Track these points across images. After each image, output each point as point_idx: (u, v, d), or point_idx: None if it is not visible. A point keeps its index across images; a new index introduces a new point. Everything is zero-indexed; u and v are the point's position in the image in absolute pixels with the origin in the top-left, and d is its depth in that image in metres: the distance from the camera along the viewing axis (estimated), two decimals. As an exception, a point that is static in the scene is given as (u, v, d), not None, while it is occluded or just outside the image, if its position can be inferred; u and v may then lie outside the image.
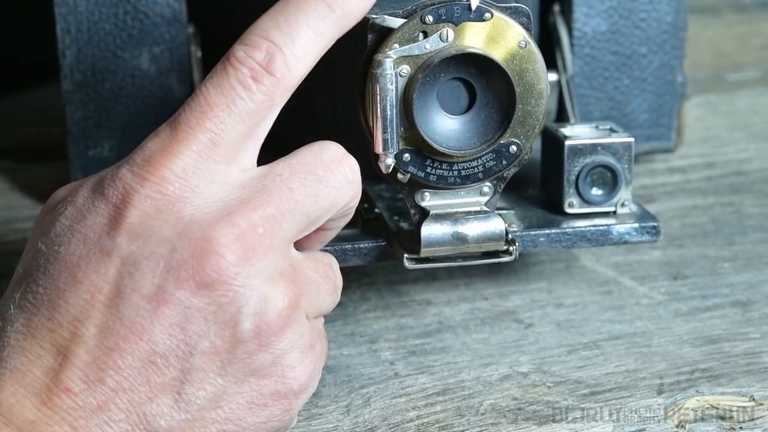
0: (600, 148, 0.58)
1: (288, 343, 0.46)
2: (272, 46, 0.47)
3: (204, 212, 0.45)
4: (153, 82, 0.67)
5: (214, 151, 0.46)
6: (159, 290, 0.44)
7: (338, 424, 0.52)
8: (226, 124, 0.46)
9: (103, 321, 0.44)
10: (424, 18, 0.51)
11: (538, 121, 0.53)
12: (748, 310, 0.61)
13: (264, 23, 0.48)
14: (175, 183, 0.45)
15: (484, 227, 0.54)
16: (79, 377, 0.43)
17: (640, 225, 0.57)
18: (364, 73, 0.52)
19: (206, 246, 0.44)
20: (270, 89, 0.47)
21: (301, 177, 0.47)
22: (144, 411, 0.44)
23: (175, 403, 0.44)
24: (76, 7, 0.65)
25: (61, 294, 0.44)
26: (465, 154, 0.53)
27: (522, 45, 0.52)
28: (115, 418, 0.43)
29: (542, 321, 0.60)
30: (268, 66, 0.47)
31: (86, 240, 0.45)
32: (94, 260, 0.45)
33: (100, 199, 0.46)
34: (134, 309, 0.44)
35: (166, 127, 0.47)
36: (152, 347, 0.44)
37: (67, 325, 0.44)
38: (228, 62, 0.47)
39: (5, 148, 0.79)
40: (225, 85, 0.46)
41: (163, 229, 0.45)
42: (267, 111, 0.47)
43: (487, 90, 0.52)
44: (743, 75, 0.90)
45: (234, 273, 0.44)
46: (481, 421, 0.52)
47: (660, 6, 0.69)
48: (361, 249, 0.55)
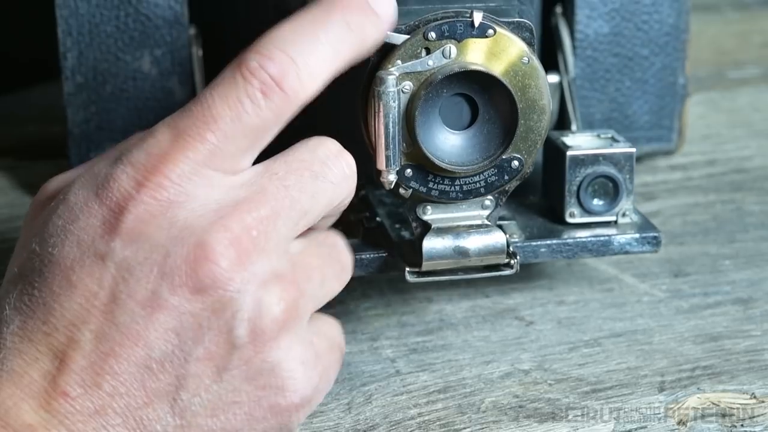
0: (601, 158, 0.58)
1: (286, 349, 0.45)
2: (287, 60, 0.45)
3: (198, 216, 0.45)
4: (154, 85, 0.67)
5: (212, 161, 0.45)
6: (153, 296, 0.44)
7: (339, 422, 0.52)
8: (228, 137, 0.45)
9: (99, 326, 0.44)
10: (427, 34, 0.51)
11: (540, 136, 0.53)
12: (750, 308, 0.61)
13: (282, 33, 0.46)
14: (170, 189, 0.45)
15: (485, 241, 0.54)
16: (76, 382, 0.43)
17: (641, 235, 0.57)
18: (366, 89, 0.52)
19: (199, 252, 0.44)
20: (279, 106, 0.45)
21: (298, 174, 0.46)
22: (140, 416, 0.44)
23: (171, 408, 0.44)
24: (78, 9, 0.66)
25: (56, 297, 0.44)
26: (467, 170, 0.53)
27: (525, 61, 0.52)
28: (113, 422, 0.43)
29: (543, 318, 0.60)
30: (281, 81, 0.45)
31: (80, 243, 0.45)
32: (88, 264, 0.44)
33: (94, 200, 0.45)
34: (129, 315, 0.44)
35: (165, 130, 0.45)
36: (148, 353, 0.44)
37: (63, 329, 0.44)
38: (239, 71, 0.45)
39: (5, 146, 0.79)
40: (232, 97, 0.45)
41: (156, 235, 0.44)
42: (272, 127, 0.46)
43: (490, 106, 0.52)
44: (744, 72, 0.90)
45: (227, 278, 0.44)
46: (482, 418, 0.52)
47: (662, 8, 0.69)
48: (363, 260, 0.55)
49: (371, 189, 0.61)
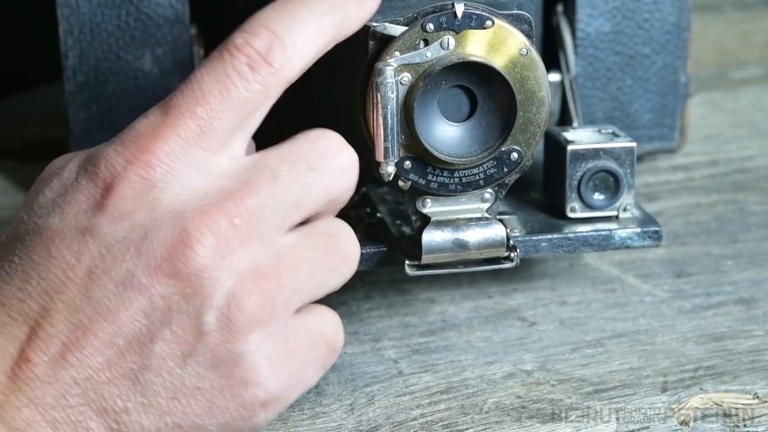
0: (602, 152, 0.58)
1: (254, 342, 0.45)
2: (272, 36, 0.46)
3: (182, 200, 0.45)
4: (156, 84, 0.67)
5: (202, 138, 0.45)
6: (127, 275, 0.44)
7: (342, 423, 0.52)
8: (217, 111, 0.46)
9: (72, 299, 0.44)
10: (425, 26, 0.51)
11: (539, 128, 0.53)
12: (752, 308, 0.61)
13: (266, 13, 0.47)
14: (157, 168, 0.45)
15: (485, 234, 0.54)
16: (41, 350, 0.44)
17: (642, 230, 0.57)
18: (365, 80, 0.52)
19: (177, 236, 0.44)
20: (266, 79, 0.46)
21: (291, 165, 0.46)
22: (102, 390, 0.44)
23: (133, 386, 0.44)
24: (79, 8, 0.66)
25: (34, 266, 0.45)
26: (466, 162, 0.53)
27: (523, 53, 0.52)
28: (72, 392, 0.44)
29: (546, 319, 0.60)
30: (267, 55, 0.46)
31: (64, 216, 0.45)
32: (69, 237, 0.45)
33: (83, 176, 0.46)
34: (102, 290, 0.44)
35: (156, 110, 0.46)
36: (116, 330, 0.44)
37: (37, 298, 0.44)
38: (225, 49, 0.46)
39: (8, 148, 0.79)
40: (220, 72, 0.46)
41: (138, 215, 0.45)
42: (261, 101, 0.46)
43: (488, 98, 0.52)
44: (746, 72, 0.90)
45: (202, 266, 0.44)
46: (485, 419, 0.52)
47: (663, 6, 0.69)
48: (364, 255, 0.55)
49: (372, 186, 0.61)
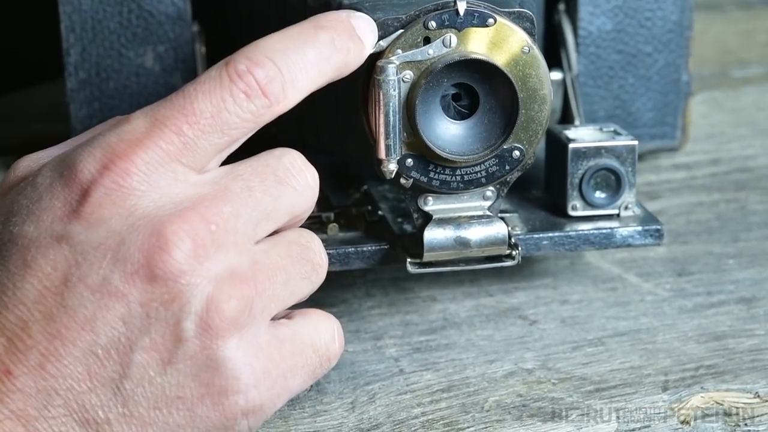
0: (604, 151, 0.58)
1: (233, 349, 0.45)
2: (275, 69, 0.46)
3: (158, 206, 0.45)
4: (157, 81, 0.67)
5: (183, 154, 0.45)
6: (104, 282, 0.44)
7: (343, 421, 0.52)
8: (204, 132, 0.46)
9: (48, 308, 0.44)
10: (427, 23, 0.51)
11: (541, 126, 0.53)
12: (753, 307, 0.61)
13: (273, 44, 0.47)
14: (134, 176, 0.45)
15: (486, 232, 0.54)
16: (21, 361, 0.43)
17: (643, 228, 0.57)
18: (367, 78, 0.52)
19: (154, 241, 0.44)
20: (259, 110, 0.46)
21: (263, 177, 0.47)
22: (83, 400, 0.44)
23: (114, 396, 0.44)
24: (81, 5, 0.65)
25: (10, 276, 0.44)
26: (468, 160, 0.53)
27: (525, 50, 0.52)
28: (54, 404, 0.44)
29: (547, 317, 0.60)
30: (266, 87, 0.46)
31: (39, 223, 0.45)
32: (44, 245, 0.44)
33: (58, 181, 0.45)
34: (78, 299, 0.44)
35: (142, 117, 0.46)
36: (94, 338, 0.44)
37: (13, 308, 0.44)
38: (226, 71, 0.46)
39: (10, 144, 0.79)
40: (216, 94, 0.46)
41: (114, 221, 0.44)
42: (248, 129, 0.47)
43: (490, 95, 0.52)
44: (748, 71, 0.90)
45: (180, 270, 0.44)
46: (485, 417, 0.52)
47: (665, 5, 0.69)
48: (365, 252, 0.55)
49: (374, 184, 0.61)
